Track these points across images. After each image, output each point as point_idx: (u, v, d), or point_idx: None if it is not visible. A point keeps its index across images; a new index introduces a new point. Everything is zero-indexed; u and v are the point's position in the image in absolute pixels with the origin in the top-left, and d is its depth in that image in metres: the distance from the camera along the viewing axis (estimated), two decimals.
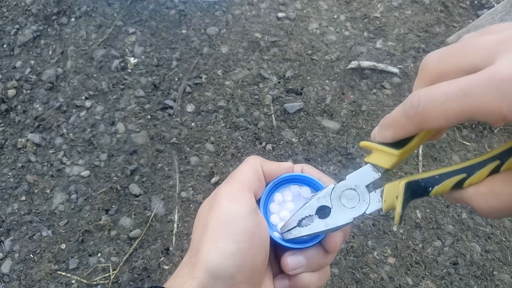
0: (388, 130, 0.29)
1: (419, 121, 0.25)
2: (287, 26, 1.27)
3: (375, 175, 0.32)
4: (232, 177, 0.36)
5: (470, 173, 0.27)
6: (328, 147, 1.07)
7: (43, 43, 1.23)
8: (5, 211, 0.98)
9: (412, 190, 0.30)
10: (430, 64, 0.27)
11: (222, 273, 0.31)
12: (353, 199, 0.33)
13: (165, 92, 1.14)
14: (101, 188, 1.00)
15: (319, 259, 0.36)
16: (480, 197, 0.26)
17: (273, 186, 0.38)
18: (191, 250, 0.34)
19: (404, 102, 0.27)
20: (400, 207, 0.30)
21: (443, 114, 0.23)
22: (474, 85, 0.22)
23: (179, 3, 1.31)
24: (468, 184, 0.27)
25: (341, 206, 0.33)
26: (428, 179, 0.29)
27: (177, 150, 1.06)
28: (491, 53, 0.22)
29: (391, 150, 0.30)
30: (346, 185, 0.33)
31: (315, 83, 1.17)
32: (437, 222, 0.97)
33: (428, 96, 0.24)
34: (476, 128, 1.11)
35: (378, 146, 0.31)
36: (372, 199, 0.33)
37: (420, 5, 1.34)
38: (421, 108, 0.25)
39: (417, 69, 0.28)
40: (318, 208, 0.34)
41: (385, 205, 0.31)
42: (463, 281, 0.91)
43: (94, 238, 0.94)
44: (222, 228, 0.32)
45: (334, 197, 0.34)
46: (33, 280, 0.89)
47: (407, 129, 0.28)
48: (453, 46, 0.26)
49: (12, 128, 1.09)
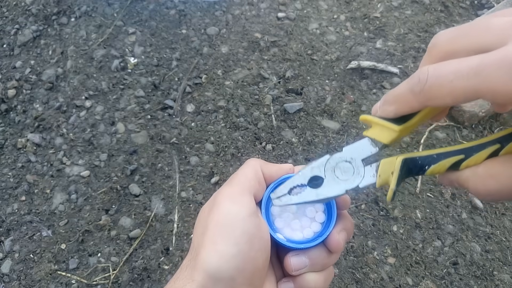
0: (391, 105, 0.28)
1: (425, 98, 0.25)
2: (287, 26, 1.27)
3: (373, 150, 0.32)
4: (232, 179, 0.36)
5: (469, 154, 0.27)
6: (328, 147, 1.07)
7: (43, 43, 1.23)
8: (5, 211, 0.98)
9: (408, 167, 0.29)
10: (440, 42, 0.26)
11: (222, 276, 0.30)
12: (348, 171, 0.32)
13: (165, 92, 1.14)
14: (101, 188, 1.00)
15: (323, 259, 0.36)
16: (477, 179, 0.26)
17: (274, 188, 0.38)
18: (191, 252, 0.34)
19: (411, 77, 0.26)
20: (395, 183, 0.29)
21: (451, 92, 0.23)
22: (485, 65, 0.21)
23: (179, 3, 1.31)
24: (465, 165, 0.27)
25: (334, 178, 0.33)
26: (426, 158, 0.29)
27: (177, 150, 1.06)
28: (504, 35, 0.22)
29: (392, 125, 0.29)
30: (341, 157, 0.33)
31: (315, 83, 1.17)
32: (437, 222, 0.97)
33: (437, 72, 0.24)
34: (476, 128, 1.11)
35: (378, 120, 0.30)
36: (367, 173, 0.32)
37: (420, 5, 1.34)
38: (429, 85, 0.24)
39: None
40: (311, 178, 0.33)
41: (380, 180, 0.31)
42: (463, 281, 0.91)
43: (94, 238, 0.94)
44: (222, 230, 0.32)
45: (328, 168, 0.33)
46: (33, 280, 0.89)
47: (411, 105, 0.27)
48: (464, 26, 0.25)
49: (12, 128, 1.09)
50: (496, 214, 0.99)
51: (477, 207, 0.99)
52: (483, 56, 0.22)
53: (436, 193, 1.01)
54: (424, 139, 1.07)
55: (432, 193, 1.01)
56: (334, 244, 0.35)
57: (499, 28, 0.23)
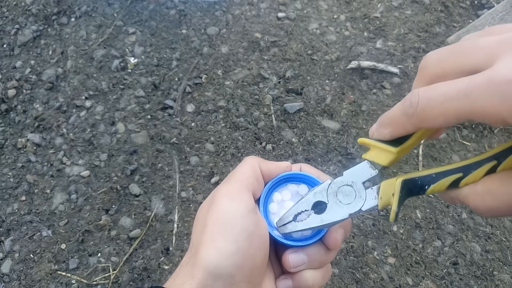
0: (386, 128, 0.29)
1: (418, 121, 0.25)
2: (287, 26, 1.27)
3: (372, 172, 0.32)
4: (230, 177, 0.36)
5: (467, 172, 0.27)
6: (328, 147, 1.07)
7: (43, 43, 1.23)
8: (5, 211, 0.98)
9: (408, 188, 0.30)
10: (429, 63, 0.27)
11: (221, 273, 0.31)
12: (350, 195, 0.33)
13: (165, 92, 1.14)
14: (101, 188, 1.00)
15: (321, 256, 0.36)
16: (476, 196, 0.26)
17: (272, 186, 0.38)
18: (191, 250, 0.34)
19: (403, 101, 0.26)
20: (396, 204, 0.30)
21: (442, 114, 0.23)
22: (473, 87, 0.22)
23: (179, 3, 1.31)
24: (464, 183, 0.27)
25: (337, 202, 0.33)
26: (425, 178, 0.29)
27: (177, 150, 1.06)
28: (491, 55, 0.22)
29: (389, 148, 0.30)
30: (342, 181, 0.33)
31: (315, 83, 1.17)
32: (437, 222, 0.97)
33: (427, 95, 0.24)
34: (476, 128, 1.11)
35: (376, 143, 0.31)
36: (368, 195, 0.32)
37: (420, 5, 1.34)
38: (420, 108, 0.25)
39: (417, 69, 0.27)
40: (314, 204, 0.34)
41: (381, 202, 0.31)
42: (463, 281, 0.91)
43: (94, 238, 0.94)
44: (221, 227, 0.32)
45: (331, 193, 0.34)
46: (33, 280, 0.89)
47: (405, 128, 0.27)
48: (453, 46, 0.26)
49: (12, 128, 1.10)
50: None
51: None
52: (471, 78, 0.22)
53: (436, 193, 1.01)
54: (424, 139, 1.07)
55: (432, 193, 1.01)
56: (331, 242, 0.36)
57: (486, 47, 0.23)
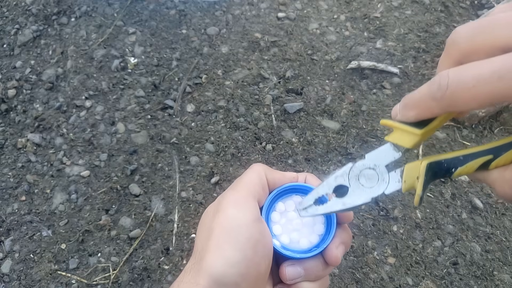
0: (412, 110, 0.27)
1: (446, 104, 0.24)
2: (287, 26, 1.27)
3: (396, 155, 0.31)
4: (237, 184, 0.35)
5: (497, 154, 0.26)
6: (328, 147, 1.07)
7: (43, 43, 1.23)
8: (5, 211, 0.98)
9: (433, 171, 0.29)
10: (459, 40, 0.24)
11: (227, 281, 0.30)
12: (372, 178, 0.32)
13: (165, 92, 1.14)
14: (101, 188, 1.00)
15: (318, 271, 0.35)
16: (505, 183, 0.25)
17: (276, 195, 0.38)
18: (195, 256, 0.33)
19: (430, 83, 0.24)
20: (421, 188, 0.28)
21: (474, 98, 0.22)
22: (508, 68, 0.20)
23: (179, 3, 1.31)
24: (494, 165, 0.26)
25: (359, 186, 0.32)
26: (452, 160, 0.28)
27: (177, 150, 1.06)
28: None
29: (413, 130, 0.28)
30: (364, 164, 0.32)
31: (315, 83, 1.17)
32: (437, 222, 0.97)
33: (457, 78, 0.22)
34: (476, 128, 1.11)
35: (399, 125, 0.29)
36: (391, 179, 0.31)
37: (420, 5, 1.34)
38: (450, 91, 0.23)
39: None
40: (336, 187, 0.33)
41: (405, 186, 0.30)
42: (463, 281, 0.91)
43: (94, 238, 0.94)
44: (227, 235, 0.32)
45: (352, 176, 0.32)
46: (33, 280, 0.89)
47: (432, 111, 0.26)
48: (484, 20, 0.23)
49: (12, 128, 1.10)
50: (496, 214, 0.99)
51: (477, 207, 0.99)
52: (505, 57, 0.21)
53: (436, 193, 1.01)
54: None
55: (432, 193, 1.01)
56: (332, 258, 0.35)
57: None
